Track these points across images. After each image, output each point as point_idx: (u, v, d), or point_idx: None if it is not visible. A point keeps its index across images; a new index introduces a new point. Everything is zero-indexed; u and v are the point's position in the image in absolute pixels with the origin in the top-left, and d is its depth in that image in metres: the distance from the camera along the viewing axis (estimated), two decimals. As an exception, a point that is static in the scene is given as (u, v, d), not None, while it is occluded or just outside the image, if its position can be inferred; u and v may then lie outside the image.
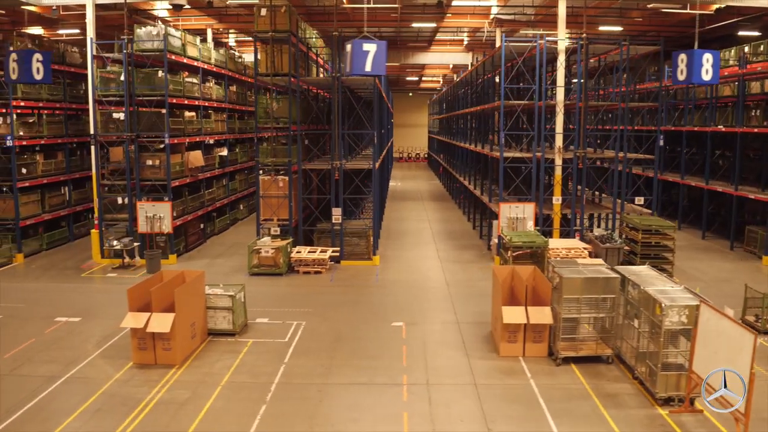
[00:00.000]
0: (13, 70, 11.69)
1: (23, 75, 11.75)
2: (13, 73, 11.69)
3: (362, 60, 10.00)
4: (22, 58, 12.03)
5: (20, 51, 11.95)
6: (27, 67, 11.69)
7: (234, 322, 12.72)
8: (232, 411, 9.71)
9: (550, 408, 9.86)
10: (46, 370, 11.22)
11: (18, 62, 11.64)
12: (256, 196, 18.60)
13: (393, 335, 12.99)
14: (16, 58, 11.68)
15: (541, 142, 18.20)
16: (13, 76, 11.79)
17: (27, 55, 12.45)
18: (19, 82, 12.97)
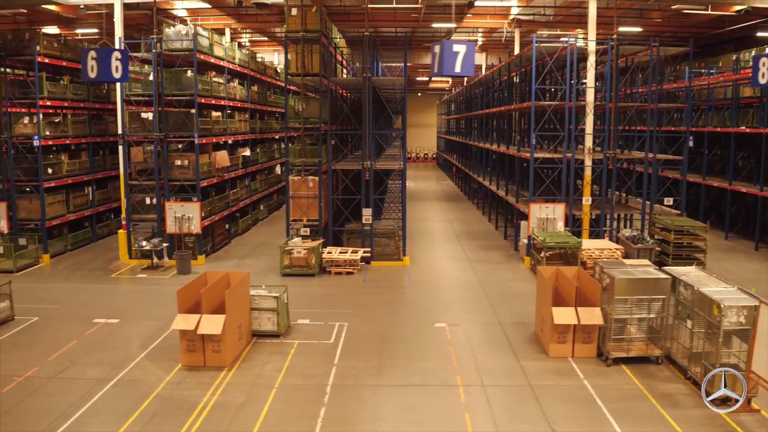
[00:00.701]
0: (92, 68, 11.52)
1: (102, 73, 11.55)
2: (91, 71, 11.53)
3: (452, 61, 9.96)
4: (102, 56, 11.75)
5: (100, 49, 11.68)
6: (106, 66, 11.52)
7: (279, 324, 12.64)
8: (292, 413, 9.63)
9: (609, 408, 9.83)
10: (93, 372, 11.12)
11: (97, 60, 11.48)
12: (286, 197, 18.50)
13: (437, 336, 12.94)
14: (95, 56, 11.51)
15: (572, 143, 18.17)
16: (92, 75, 11.63)
17: (107, 53, 12.12)
18: (98, 80, 12.70)
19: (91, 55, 11.56)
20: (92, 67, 11.57)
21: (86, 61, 11.67)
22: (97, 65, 11.55)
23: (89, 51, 11.81)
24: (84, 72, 11.90)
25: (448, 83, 58.60)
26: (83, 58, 11.81)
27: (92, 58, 11.50)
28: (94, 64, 11.55)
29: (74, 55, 20.63)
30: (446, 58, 10.13)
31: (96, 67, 11.55)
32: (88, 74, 11.81)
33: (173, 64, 18.88)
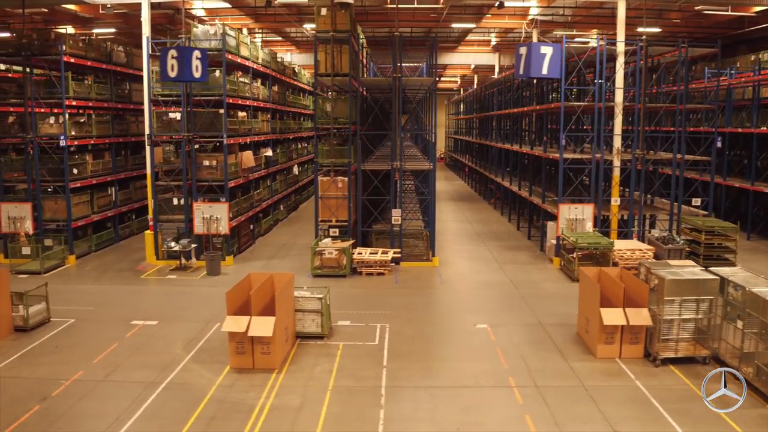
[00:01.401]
0: (172, 67, 11.38)
1: (183, 72, 11.39)
2: (171, 70, 11.39)
3: (540, 63, 9.94)
4: (183, 55, 11.57)
5: (180, 48, 11.51)
6: (187, 65, 11.37)
7: (323, 326, 12.57)
8: (351, 416, 9.58)
9: (665, 409, 9.83)
10: (141, 375, 11.02)
11: (178, 59, 11.32)
12: (315, 197, 18.42)
13: (481, 337, 12.91)
14: (175, 55, 11.36)
15: (601, 144, 18.17)
16: (172, 74, 11.49)
17: (187, 52, 11.93)
18: (178, 80, 12.51)
19: (172, 54, 11.43)
20: (173, 66, 11.44)
21: (166, 61, 11.53)
22: (178, 64, 11.40)
23: (170, 50, 11.66)
24: (163, 71, 11.75)
25: (456, 83, 58.63)
26: (163, 57, 11.65)
27: (173, 57, 11.37)
28: (175, 63, 11.41)
29: (98, 55, 20.50)
30: (534, 60, 10.12)
31: (176, 66, 11.40)
32: (168, 74, 11.68)
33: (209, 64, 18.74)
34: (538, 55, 9.91)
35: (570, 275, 17.31)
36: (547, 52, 10.05)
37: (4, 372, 11.21)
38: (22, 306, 13.25)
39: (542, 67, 9.98)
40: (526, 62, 10.03)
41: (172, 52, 11.42)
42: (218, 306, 15.11)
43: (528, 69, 10.08)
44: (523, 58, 10.22)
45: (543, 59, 9.97)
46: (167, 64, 11.37)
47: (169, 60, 11.31)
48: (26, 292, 13.26)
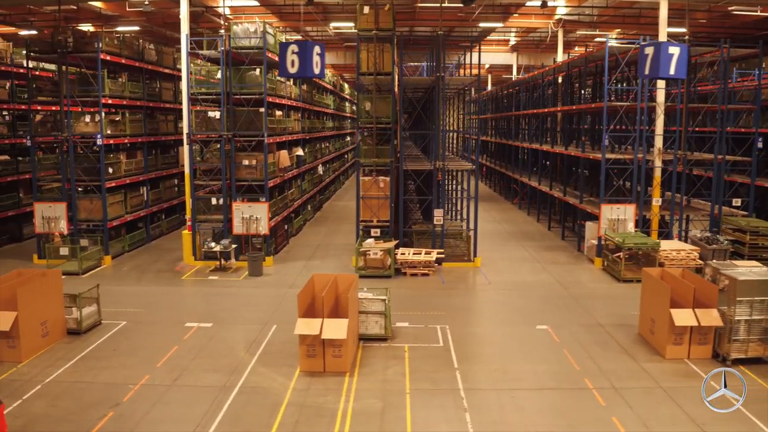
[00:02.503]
0: (292, 63, 11.06)
1: (304, 68, 11.05)
2: (291, 66, 11.07)
3: (667, 63, 9.82)
4: (303, 51, 11.18)
5: (301, 43, 11.10)
6: (308, 61, 11.03)
7: (386, 327, 12.41)
8: (438, 419, 9.42)
9: (748, 409, 9.74)
10: (211, 379, 10.80)
11: (299, 55, 11.00)
12: (357, 197, 18.22)
13: (545, 338, 12.79)
14: (296, 51, 11.01)
15: (643, 144, 18.10)
16: (292, 70, 11.15)
17: (308, 48, 11.51)
18: (298, 76, 12.10)
19: (292, 50, 11.12)
20: (293, 61, 11.15)
21: (286, 56, 11.24)
22: (299, 60, 11.11)
23: (289, 45, 11.32)
24: (283, 67, 11.45)
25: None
26: (282, 53, 11.36)
27: (293, 53, 11.07)
28: (295, 59, 11.13)
29: (131, 53, 20.19)
30: (662, 60, 9.99)
31: (297, 62, 11.11)
32: (288, 70, 11.38)
33: (240, 62, 18.51)
34: (666, 56, 9.80)
35: (615, 275, 17.24)
36: (674, 53, 9.93)
37: (66, 377, 10.96)
38: (76, 308, 13.00)
39: (670, 67, 9.88)
40: (653, 63, 9.92)
41: (292, 47, 11.10)
42: (268, 307, 15.00)
43: (655, 69, 9.96)
44: (649, 58, 10.11)
45: (671, 60, 9.87)
46: (287, 60, 11.08)
47: (289, 56, 11.03)
48: (80, 294, 13.01)
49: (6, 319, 11.43)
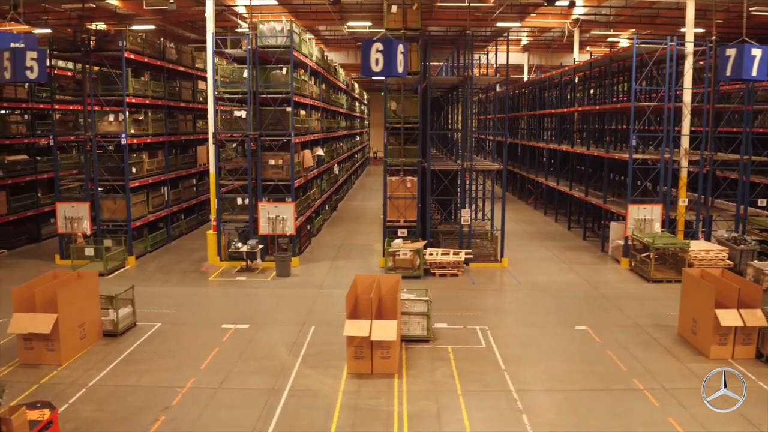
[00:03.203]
0: (376, 61, 10.88)
1: (389, 67, 10.83)
2: (375, 65, 10.88)
3: (750, 65, 9.77)
4: (389, 49, 10.88)
5: (386, 41, 10.86)
6: (393, 59, 10.79)
7: (428, 328, 12.32)
8: (496, 421, 9.33)
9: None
10: (258, 382, 10.67)
11: (384, 53, 10.79)
12: (384, 197, 18.12)
13: (586, 339, 12.73)
14: (380, 49, 10.82)
15: (670, 144, 18.11)
16: (376, 69, 10.94)
17: (394, 46, 11.23)
18: (383, 74, 11.77)
19: (377, 48, 10.95)
20: (377, 60, 10.99)
21: (370, 55, 11.08)
22: (383, 59, 10.95)
23: (373, 43, 11.13)
24: (366, 66, 11.29)
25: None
26: (366, 51, 11.20)
27: (377, 51, 10.91)
28: (380, 57, 10.97)
29: (153, 51, 19.99)
30: (745, 62, 9.94)
31: (381, 61, 10.94)
32: (371, 68, 11.22)
33: (266, 62, 18.35)
34: (748, 57, 9.79)
35: (644, 275, 17.22)
36: (757, 54, 9.91)
37: (109, 380, 10.79)
38: (112, 310, 12.84)
39: (752, 69, 9.85)
40: (735, 64, 9.89)
41: (376, 45, 10.94)
42: (302, 308, 14.87)
43: (738, 71, 9.93)
44: (731, 59, 10.09)
45: (753, 61, 9.85)
46: (371, 58, 10.93)
47: (373, 54, 10.87)
48: (116, 296, 12.84)
49: (47, 321, 11.26)
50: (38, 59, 12.53)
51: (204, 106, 25.84)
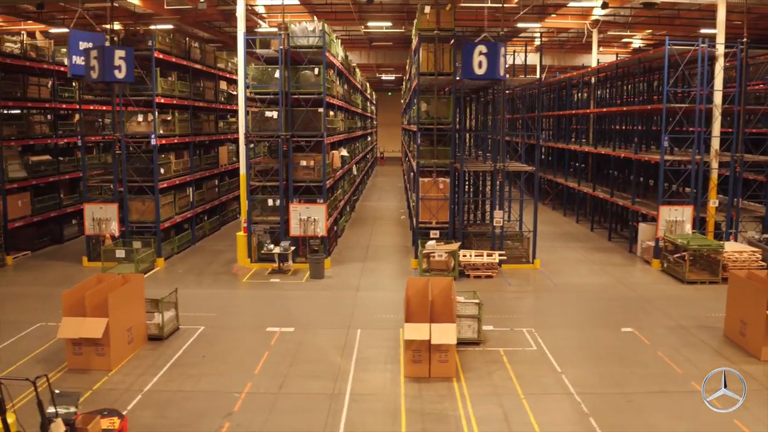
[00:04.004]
0: (480, 64, 10.76)
1: (493, 71, 10.74)
2: (479, 67, 10.77)
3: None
4: (494, 52, 10.84)
5: (490, 44, 10.79)
6: (496, 62, 10.71)
7: (479, 331, 12.27)
8: (565, 424, 9.30)
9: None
10: (316, 386, 10.56)
11: (488, 56, 10.68)
12: (416, 199, 18.03)
13: (634, 341, 12.73)
14: (485, 51, 10.70)
15: (701, 146, 18.15)
16: (479, 71, 10.85)
17: (497, 49, 11.20)
18: (486, 78, 11.71)
19: (480, 50, 10.84)
20: (480, 62, 10.87)
21: (473, 57, 10.96)
22: (487, 62, 10.83)
23: (476, 46, 11.02)
24: (469, 68, 11.19)
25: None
26: (468, 53, 11.08)
27: (481, 54, 10.78)
28: (483, 60, 10.86)
29: (179, 51, 19.80)
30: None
31: (485, 64, 10.81)
32: (474, 71, 11.11)
33: (297, 62, 18.21)
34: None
35: (678, 277, 17.26)
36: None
37: (163, 385, 10.64)
38: (158, 313, 12.68)
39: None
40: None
41: (480, 48, 10.83)
42: (344, 311, 14.78)
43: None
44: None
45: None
46: (474, 61, 10.83)
47: (476, 57, 10.76)
48: (162, 299, 12.69)
49: (98, 325, 11.08)
50: (126, 58, 12.14)
51: (226, 107, 25.73)
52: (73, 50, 11.65)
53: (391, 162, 66.28)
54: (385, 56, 38.23)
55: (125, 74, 12.08)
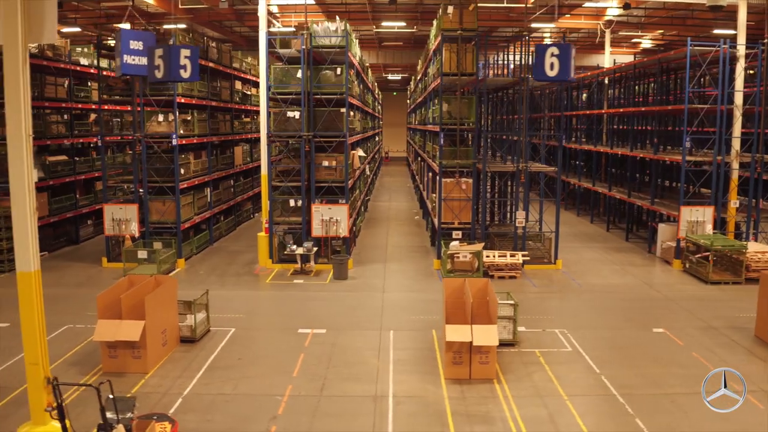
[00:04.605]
0: (551, 65, 10.74)
1: (565, 72, 10.72)
2: (551, 69, 10.74)
3: None
4: (565, 53, 10.76)
5: (562, 45, 10.75)
6: (567, 63, 10.69)
7: (514, 332, 12.25)
8: (612, 425, 9.30)
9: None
10: (359, 389, 10.52)
11: (560, 57, 10.66)
12: (438, 199, 18.01)
13: (666, 341, 12.76)
14: (556, 53, 10.68)
15: (722, 146, 18.21)
16: (551, 73, 10.83)
17: (568, 50, 11.13)
18: (557, 79, 11.62)
19: (552, 52, 10.80)
20: (552, 64, 10.85)
21: (545, 59, 10.92)
22: (559, 63, 10.81)
23: (549, 47, 10.98)
24: (541, 70, 11.15)
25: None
26: (541, 55, 11.05)
27: (552, 55, 10.75)
28: (555, 62, 10.83)
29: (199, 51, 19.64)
30: None
31: (557, 65, 10.79)
32: (546, 73, 11.09)
33: (318, 62, 18.13)
34: None
35: (701, 277, 17.30)
36: None
37: (202, 389, 10.54)
38: (190, 315, 12.59)
39: None
40: None
41: (552, 49, 10.82)
42: (373, 312, 14.74)
43: None
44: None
45: None
46: (546, 63, 10.81)
47: (548, 59, 10.74)
48: (195, 301, 12.60)
49: (135, 328, 10.99)
50: (191, 57, 11.95)
51: (240, 106, 25.62)
52: (125, 49, 11.48)
53: (396, 162, 66.29)
54: (393, 56, 38.20)
55: (190, 73, 11.83)
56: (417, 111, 35.45)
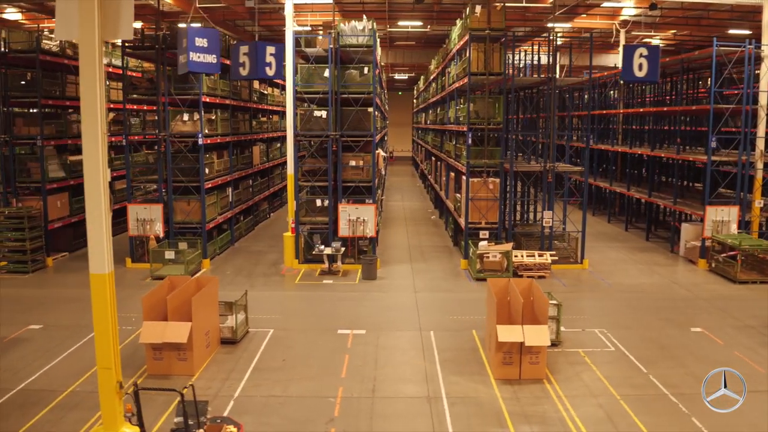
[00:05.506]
0: (640, 66, 10.66)
1: (654, 73, 10.69)
2: (639, 70, 10.64)
3: None
4: (654, 55, 10.72)
5: (650, 47, 10.69)
6: (656, 64, 10.64)
7: (558, 332, 12.24)
8: (670, 424, 9.32)
9: None
10: (411, 390, 10.47)
11: (648, 58, 10.58)
12: (465, 199, 17.98)
13: (707, 341, 12.81)
14: (645, 54, 10.59)
15: (747, 146, 18.32)
16: (639, 74, 10.75)
17: (657, 51, 11.11)
18: (645, 80, 11.54)
19: (640, 53, 10.75)
20: (640, 65, 10.79)
21: (633, 60, 10.87)
22: (648, 64, 10.74)
23: (637, 48, 10.91)
24: (630, 71, 11.09)
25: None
26: (628, 56, 11.01)
27: (641, 56, 10.69)
28: (644, 63, 10.76)
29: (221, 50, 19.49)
30: None
31: (645, 67, 10.70)
32: (635, 74, 11.02)
33: (344, 61, 18.03)
34: None
35: (728, 277, 17.38)
36: None
37: (253, 390, 10.44)
38: (231, 316, 12.48)
39: None
40: None
41: (640, 50, 10.77)
42: (410, 312, 14.69)
43: None
44: None
45: None
46: (634, 64, 10.77)
47: (636, 59, 10.69)
48: (236, 302, 12.49)
49: (183, 330, 10.86)
50: (276, 55, 11.79)
51: (258, 106, 25.48)
52: (191, 46, 11.34)
53: (401, 161, 66.27)
54: (404, 56, 38.11)
55: (275, 71, 11.71)
56: (428, 110, 35.38)
